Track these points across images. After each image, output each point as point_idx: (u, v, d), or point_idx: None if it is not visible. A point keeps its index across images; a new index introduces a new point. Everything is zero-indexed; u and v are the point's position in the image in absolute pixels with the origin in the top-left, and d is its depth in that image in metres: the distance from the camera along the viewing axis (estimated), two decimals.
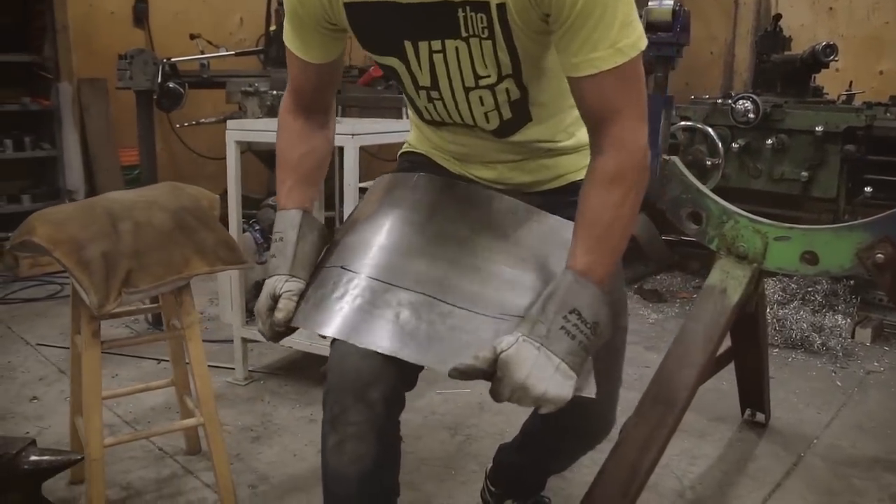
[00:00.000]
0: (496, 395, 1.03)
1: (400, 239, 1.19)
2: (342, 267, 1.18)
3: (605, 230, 1.08)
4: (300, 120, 1.30)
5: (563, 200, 1.25)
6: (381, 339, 1.10)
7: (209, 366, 2.68)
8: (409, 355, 1.09)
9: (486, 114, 1.23)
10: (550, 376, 1.01)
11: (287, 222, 1.22)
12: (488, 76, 1.16)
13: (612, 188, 1.08)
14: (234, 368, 2.68)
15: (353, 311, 1.12)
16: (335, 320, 1.12)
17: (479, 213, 1.23)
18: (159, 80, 2.97)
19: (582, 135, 1.32)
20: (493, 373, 1.02)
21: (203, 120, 4.24)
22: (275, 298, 1.17)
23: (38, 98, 4.32)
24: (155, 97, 3.16)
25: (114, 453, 2.08)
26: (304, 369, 2.74)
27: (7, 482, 1.69)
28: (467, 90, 1.19)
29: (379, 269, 1.15)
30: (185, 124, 4.37)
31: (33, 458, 1.71)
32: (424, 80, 1.19)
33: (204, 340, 2.90)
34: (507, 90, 1.18)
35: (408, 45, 1.15)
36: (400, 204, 1.24)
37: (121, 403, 2.43)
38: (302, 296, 1.19)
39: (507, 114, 1.23)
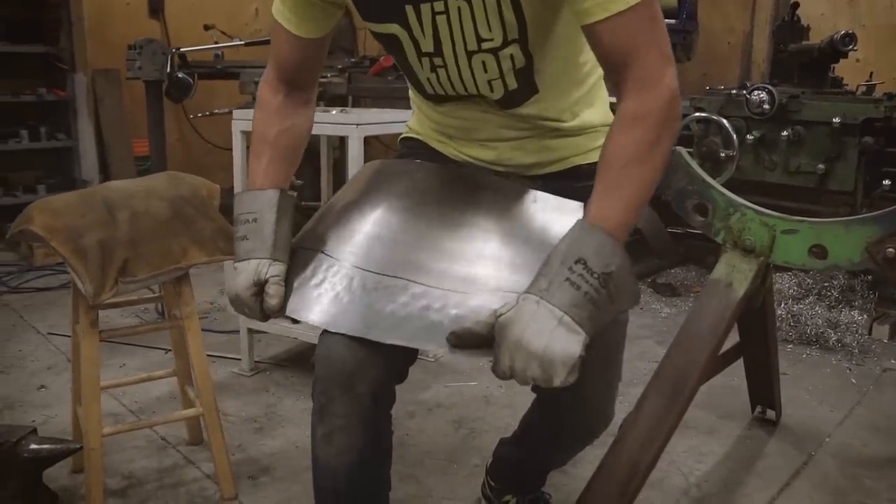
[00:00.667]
0: (496, 364, 0.96)
1: (383, 226, 1.16)
2: (322, 252, 1.16)
3: (621, 172, 1.00)
4: (280, 95, 1.27)
5: (565, 185, 1.21)
6: (352, 322, 1.08)
7: (216, 356, 2.74)
8: (379, 335, 1.06)
9: (489, 82, 1.19)
10: (551, 331, 0.92)
11: (263, 202, 1.18)
12: (492, 39, 1.13)
13: (632, 128, 1.00)
14: (240, 359, 2.68)
15: (330, 299, 1.11)
16: (313, 307, 1.11)
17: (467, 195, 1.20)
18: (168, 69, 2.97)
19: (587, 116, 1.30)
20: (492, 340, 0.97)
21: (216, 110, 4.25)
22: (259, 284, 1.14)
23: (54, 89, 4.35)
24: (164, 87, 3.16)
25: (116, 442, 2.09)
26: (310, 361, 2.74)
27: (7, 470, 1.70)
28: (470, 54, 1.15)
29: (360, 257, 1.13)
30: (199, 115, 4.39)
31: (33, 446, 1.73)
32: (427, 45, 1.16)
33: (211, 331, 2.98)
34: (512, 56, 1.15)
35: (409, 8, 1.12)
36: (386, 191, 1.21)
37: (127, 393, 2.44)
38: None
39: (511, 83, 1.19)
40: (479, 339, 0.98)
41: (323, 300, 1.11)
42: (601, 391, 1.42)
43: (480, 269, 1.09)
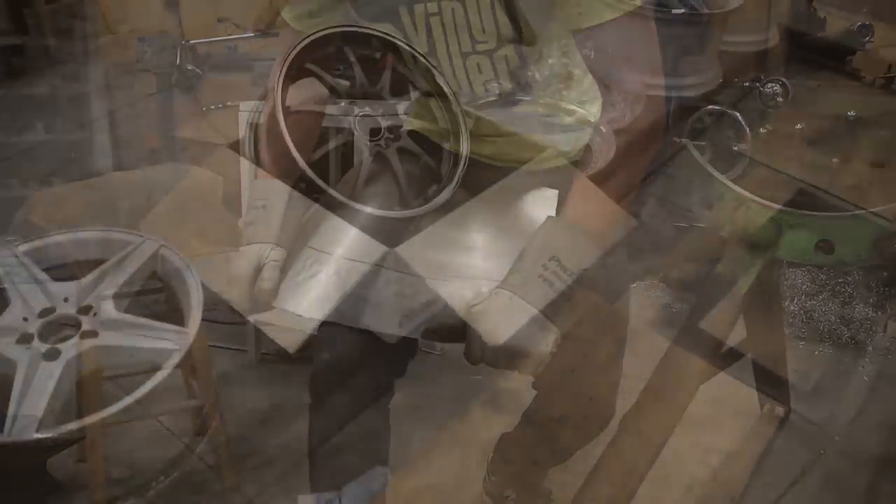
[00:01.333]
0: (468, 352, 0.99)
1: (363, 216, 1.17)
2: (307, 245, 1.17)
3: (601, 178, 1.03)
4: (288, 88, 1.27)
5: (564, 181, 1.21)
6: (325, 309, 1.09)
7: (223, 347, 2.74)
8: (350, 321, 1.09)
9: (484, 84, 1.19)
10: (522, 327, 0.95)
11: (274, 191, 1.19)
12: (486, 41, 1.12)
13: (614, 138, 1.03)
14: (246, 350, 2.69)
15: (308, 288, 1.13)
16: (289, 297, 1.14)
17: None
18: (177, 62, 2.98)
19: (585, 113, 1.28)
20: (464, 330, 0.99)
21: (230, 103, 4.25)
22: (258, 268, 1.15)
23: (68, 81, 4.38)
24: (173, 79, 3.17)
25: (122, 432, 2.10)
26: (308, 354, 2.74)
27: (11, 458, 1.71)
28: (465, 56, 1.15)
29: (340, 246, 1.15)
30: (212, 107, 4.39)
31: (36, 434, 1.73)
32: (420, 46, 1.16)
33: (219, 322, 2.97)
34: (507, 57, 1.15)
35: (403, 9, 1.12)
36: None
37: (135, 383, 2.45)
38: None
39: (507, 85, 1.19)
40: (452, 331, 1.00)
41: (300, 289, 1.12)
42: (603, 388, 1.41)
43: (454, 256, 1.09)
